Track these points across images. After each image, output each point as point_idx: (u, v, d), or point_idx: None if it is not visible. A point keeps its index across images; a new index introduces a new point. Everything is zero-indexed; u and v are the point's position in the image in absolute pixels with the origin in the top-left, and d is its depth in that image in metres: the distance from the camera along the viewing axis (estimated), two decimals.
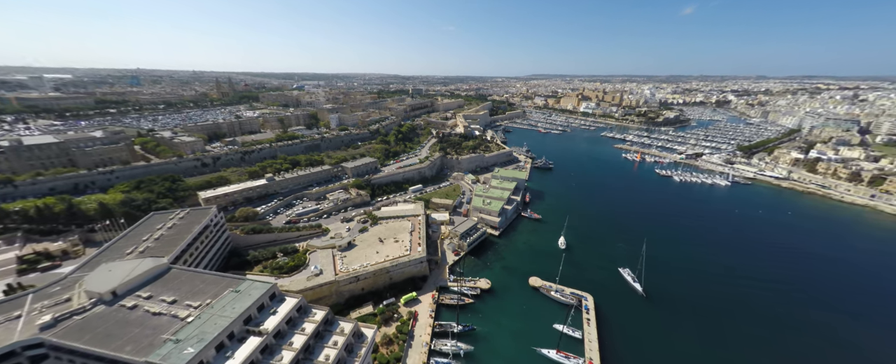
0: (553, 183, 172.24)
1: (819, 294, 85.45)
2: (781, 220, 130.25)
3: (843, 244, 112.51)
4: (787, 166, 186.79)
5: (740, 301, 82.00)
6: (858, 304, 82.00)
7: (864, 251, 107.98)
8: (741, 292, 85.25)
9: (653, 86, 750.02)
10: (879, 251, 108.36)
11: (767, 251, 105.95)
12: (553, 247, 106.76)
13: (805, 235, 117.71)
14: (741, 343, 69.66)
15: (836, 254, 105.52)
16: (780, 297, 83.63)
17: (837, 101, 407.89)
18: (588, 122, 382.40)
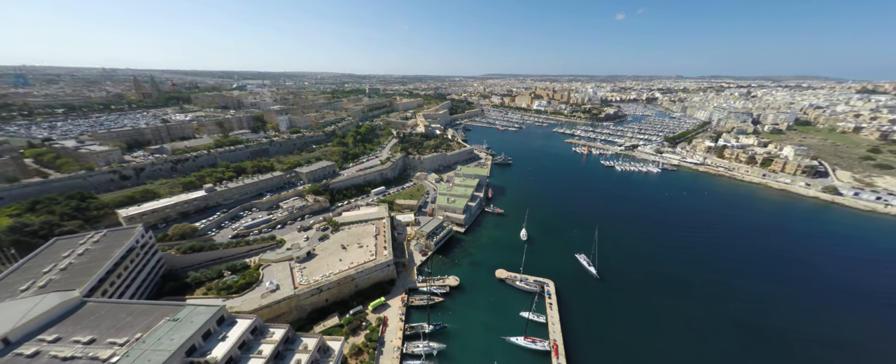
0: (513, 178, 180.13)
1: (728, 256, 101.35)
2: (700, 199, 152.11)
3: (746, 215, 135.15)
4: (702, 153, 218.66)
5: (673, 272, 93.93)
6: (757, 262, 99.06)
7: (759, 220, 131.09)
8: (673, 264, 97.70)
9: (595, 85, 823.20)
10: (768, 219, 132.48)
11: (691, 226, 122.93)
12: (516, 239, 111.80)
13: (718, 211, 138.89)
14: (676, 310, 79.85)
15: (740, 223, 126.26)
16: (702, 264, 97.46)
17: (736, 98, 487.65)
18: (541, 119, 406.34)
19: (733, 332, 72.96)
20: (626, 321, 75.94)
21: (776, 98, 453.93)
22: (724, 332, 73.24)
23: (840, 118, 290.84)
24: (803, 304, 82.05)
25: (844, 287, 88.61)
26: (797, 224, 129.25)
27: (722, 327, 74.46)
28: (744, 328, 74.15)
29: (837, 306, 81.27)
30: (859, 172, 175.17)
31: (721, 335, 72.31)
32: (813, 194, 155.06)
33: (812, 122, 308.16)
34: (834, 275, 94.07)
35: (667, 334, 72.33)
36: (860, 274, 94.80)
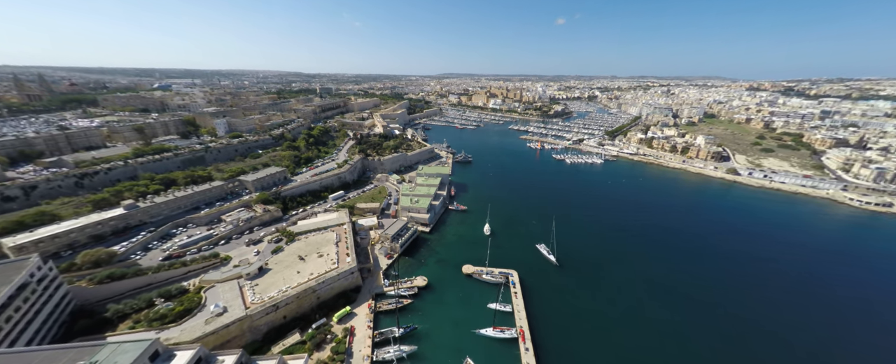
0: (474, 175, 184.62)
1: (662, 234, 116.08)
2: (636, 185, 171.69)
3: (673, 197, 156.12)
4: (635, 145, 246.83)
5: (620, 252, 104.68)
6: (686, 238, 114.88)
7: (683, 200, 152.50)
8: (620, 245, 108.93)
9: (543, 84, 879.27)
10: (690, 198, 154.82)
11: (631, 209, 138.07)
12: (480, 234, 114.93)
13: (651, 194, 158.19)
14: (626, 287, 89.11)
15: (669, 204, 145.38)
16: (643, 243, 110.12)
17: (659, 95, 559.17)
18: (497, 116, 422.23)
19: (671, 300, 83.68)
20: (583, 302, 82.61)
21: (689, 95, 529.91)
22: (666, 300, 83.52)
23: (735, 111, 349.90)
24: (724, 272, 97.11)
25: (749, 253, 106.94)
26: (711, 200, 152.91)
27: (665, 298, 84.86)
28: (679, 295, 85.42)
29: (751, 271, 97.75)
30: (751, 156, 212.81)
31: (665, 305, 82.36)
32: (720, 175, 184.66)
33: (716, 115, 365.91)
34: (738, 247, 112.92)
35: (620, 309, 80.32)
36: (758, 241, 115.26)
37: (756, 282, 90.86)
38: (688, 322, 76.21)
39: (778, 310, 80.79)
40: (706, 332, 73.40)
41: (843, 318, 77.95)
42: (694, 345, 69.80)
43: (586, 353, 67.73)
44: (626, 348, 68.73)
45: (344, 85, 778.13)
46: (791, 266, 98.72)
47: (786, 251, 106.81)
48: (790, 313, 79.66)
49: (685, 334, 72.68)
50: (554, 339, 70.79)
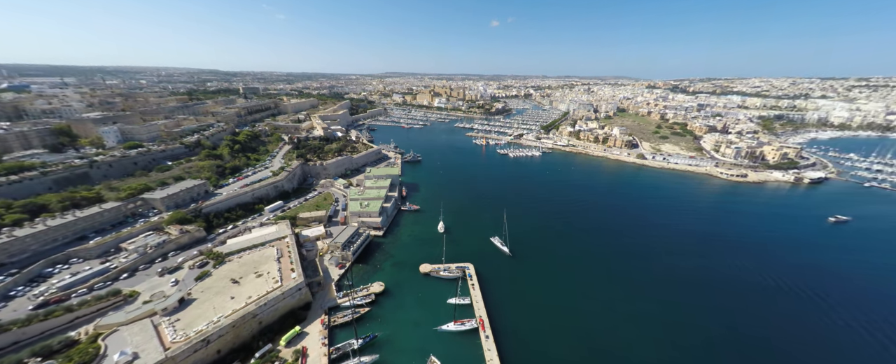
0: (424, 174, 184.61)
1: (596, 213, 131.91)
2: (570, 173, 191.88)
3: (600, 181, 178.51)
4: (566, 137, 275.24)
5: (564, 235, 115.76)
6: (614, 215, 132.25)
7: (607, 182, 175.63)
8: (562, 227, 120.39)
9: (484, 83, 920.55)
10: (612, 181, 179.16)
11: (568, 195, 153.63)
12: (434, 232, 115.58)
13: (583, 180, 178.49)
14: (572, 267, 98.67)
15: (598, 188, 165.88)
16: (582, 224, 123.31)
17: (582, 93, 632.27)
18: (443, 115, 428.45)
19: (608, 271, 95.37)
20: (536, 286, 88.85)
21: (605, 93, 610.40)
22: (604, 272, 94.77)
23: (639, 106, 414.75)
24: (643, 238, 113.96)
25: (653, 220, 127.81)
26: (627, 181, 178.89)
27: (603, 269, 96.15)
28: (613, 265, 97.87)
29: (657, 233, 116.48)
30: (653, 142, 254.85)
31: (604, 276, 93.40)
32: (632, 160, 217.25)
33: (626, 110, 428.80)
34: (649, 217, 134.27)
35: (569, 289, 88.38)
36: (661, 210, 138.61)
37: (662, 242, 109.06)
38: (622, 287, 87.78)
39: (675, 257, 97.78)
40: (636, 288, 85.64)
41: (710, 251, 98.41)
42: (628, 301, 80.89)
43: (541, 332, 73.28)
44: (575, 323, 76.25)
45: (273, 84, 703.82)
46: (681, 227, 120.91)
47: (678, 216, 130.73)
48: (682, 259, 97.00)
49: (622, 298, 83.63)
50: (512, 323, 75.07)
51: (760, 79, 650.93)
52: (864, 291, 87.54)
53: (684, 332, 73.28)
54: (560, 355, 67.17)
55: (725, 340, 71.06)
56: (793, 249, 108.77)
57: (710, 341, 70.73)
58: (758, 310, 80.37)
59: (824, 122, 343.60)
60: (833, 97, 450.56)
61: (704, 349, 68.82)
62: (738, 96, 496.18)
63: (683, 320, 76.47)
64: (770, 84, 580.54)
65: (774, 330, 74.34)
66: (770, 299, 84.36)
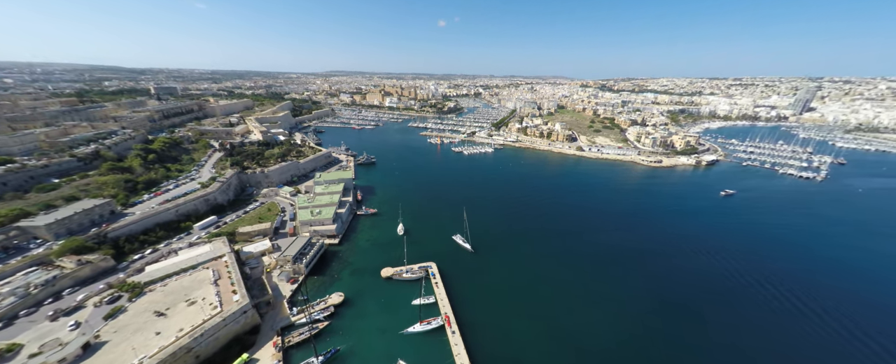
0: (379, 176, 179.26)
1: (548, 203, 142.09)
2: (521, 167, 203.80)
3: (547, 172, 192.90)
4: (515, 133, 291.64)
5: (520, 224, 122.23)
6: (562, 204, 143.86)
7: (554, 173, 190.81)
8: (518, 218, 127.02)
9: (435, 82, 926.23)
10: (558, 171, 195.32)
11: (520, 186, 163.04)
12: (394, 235, 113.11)
13: (532, 173, 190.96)
14: (532, 256, 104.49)
15: (546, 178, 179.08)
16: (536, 215, 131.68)
17: (526, 91, 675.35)
18: (395, 115, 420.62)
19: (562, 256, 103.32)
20: (498, 278, 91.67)
21: (546, 91, 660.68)
22: (559, 257, 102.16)
23: (576, 103, 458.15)
24: (586, 221, 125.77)
25: (593, 204, 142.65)
26: (569, 171, 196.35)
27: (558, 255, 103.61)
28: (566, 250, 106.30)
29: (596, 216, 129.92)
30: (589, 136, 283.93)
31: (560, 261, 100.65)
32: (572, 153, 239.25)
33: (565, 107, 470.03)
34: (593, 203, 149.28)
35: (528, 276, 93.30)
36: (599, 193, 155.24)
37: (601, 222, 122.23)
38: (572, 267, 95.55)
39: (612, 234, 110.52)
40: (584, 266, 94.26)
41: (636, 225, 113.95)
42: (579, 280, 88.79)
43: (506, 321, 76.32)
44: (536, 308, 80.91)
45: (196, 84, 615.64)
46: (617, 207, 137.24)
47: (613, 198, 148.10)
48: (617, 235, 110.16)
49: (573, 278, 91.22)
50: (477, 316, 77.06)
51: (667, 79, 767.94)
52: (745, 243, 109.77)
53: (629, 301, 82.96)
54: (524, 340, 70.97)
55: (665, 303, 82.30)
56: (696, 217, 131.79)
57: (652, 306, 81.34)
58: (680, 268, 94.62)
59: (714, 114, 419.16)
60: (718, 94, 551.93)
61: (647, 313, 78.91)
62: (652, 94, 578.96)
63: (624, 292, 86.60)
64: (674, 83, 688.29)
65: (691, 279, 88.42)
66: (687, 259, 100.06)
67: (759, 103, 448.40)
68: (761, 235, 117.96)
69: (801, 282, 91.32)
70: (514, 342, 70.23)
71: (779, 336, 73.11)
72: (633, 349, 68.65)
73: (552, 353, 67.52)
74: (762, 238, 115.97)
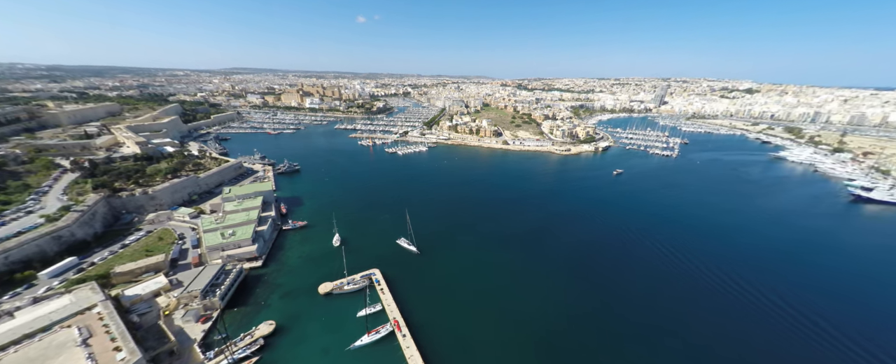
0: (306, 184, 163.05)
1: (482, 196, 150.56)
2: (455, 164, 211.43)
3: (479, 167, 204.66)
4: (447, 131, 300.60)
5: (461, 220, 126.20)
6: (496, 195, 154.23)
7: (486, 168, 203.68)
8: (459, 214, 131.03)
9: (361, 81, 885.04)
10: (489, 165, 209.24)
11: (456, 183, 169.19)
12: (330, 247, 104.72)
13: (466, 168, 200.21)
14: (474, 250, 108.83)
15: (476, 171, 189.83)
16: (474, 208, 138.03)
17: (453, 90, 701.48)
18: (318, 116, 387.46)
19: (504, 245, 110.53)
20: (446, 276, 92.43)
21: (472, 90, 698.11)
22: (502, 247, 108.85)
23: (499, 101, 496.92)
24: (520, 208, 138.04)
25: (524, 189, 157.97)
26: (499, 164, 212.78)
27: (501, 245, 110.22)
28: (507, 239, 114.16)
29: (526, 200, 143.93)
30: (512, 130, 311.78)
31: (502, 249, 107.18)
32: (499, 147, 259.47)
33: (489, 104, 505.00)
34: (521, 190, 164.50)
35: (473, 269, 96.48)
36: (526, 181, 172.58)
37: (530, 206, 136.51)
38: (512, 252, 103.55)
39: (538, 213, 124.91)
40: (515, 244, 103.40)
41: (556, 202, 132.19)
42: (521, 264, 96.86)
43: (456, 316, 77.73)
44: (484, 298, 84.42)
45: (22, 83, 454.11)
46: (539, 191, 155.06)
47: (536, 184, 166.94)
48: (541, 210, 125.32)
49: (515, 262, 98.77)
50: (427, 316, 76.94)
51: (568, 79, 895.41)
52: (631, 207, 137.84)
53: (556, 272, 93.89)
54: (475, 330, 73.77)
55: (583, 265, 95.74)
56: (597, 191, 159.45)
57: (573, 269, 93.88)
58: (589, 231, 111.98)
59: (604, 108, 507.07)
60: (605, 92, 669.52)
61: (569, 276, 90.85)
62: (558, 92, 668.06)
63: (552, 263, 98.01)
64: (573, 83, 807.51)
65: (596, 237, 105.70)
66: (593, 224, 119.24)
67: (633, 99, 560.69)
68: (642, 200, 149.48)
69: (669, 229, 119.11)
70: (465, 334, 72.62)
71: (655, 267, 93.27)
72: (567, 314, 78.38)
73: (502, 336, 71.87)
74: (642, 202, 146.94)
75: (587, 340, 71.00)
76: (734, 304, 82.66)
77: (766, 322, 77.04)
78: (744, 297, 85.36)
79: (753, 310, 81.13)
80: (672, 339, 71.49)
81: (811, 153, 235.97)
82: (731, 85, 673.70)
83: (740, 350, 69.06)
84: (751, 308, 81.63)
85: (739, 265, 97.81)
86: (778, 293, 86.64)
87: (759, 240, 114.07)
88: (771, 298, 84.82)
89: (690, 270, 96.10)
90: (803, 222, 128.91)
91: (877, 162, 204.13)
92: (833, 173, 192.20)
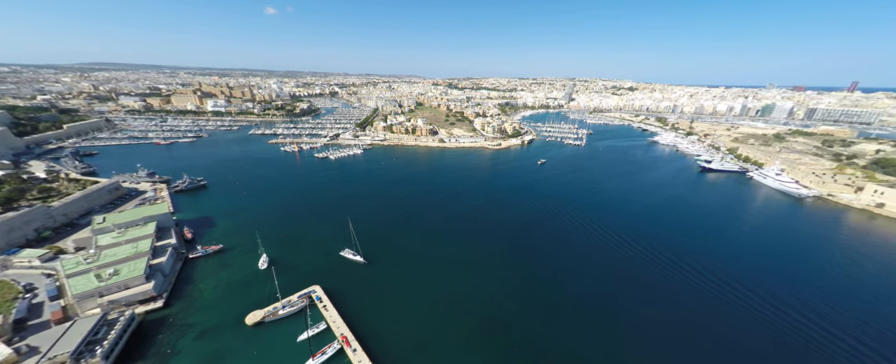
0: (217, 201, 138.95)
1: (423, 196, 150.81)
2: (393, 164, 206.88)
3: (419, 166, 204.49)
4: (382, 132, 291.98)
5: (405, 221, 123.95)
6: (436, 193, 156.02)
7: (425, 167, 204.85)
8: (402, 216, 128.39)
9: (277, 80, 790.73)
10: (427, 162, 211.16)
11: (398, 183, 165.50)
12: (256, 269, 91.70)
13: (404, 168, 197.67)
14: (422, 251, 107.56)
15: (414, 170, 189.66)
16: (416, 209, 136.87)
17: (385, 90, 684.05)
18: (227, 122, 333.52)
19: (448, 241, 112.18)
20: (396, 280, 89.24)
21: (404, 89, 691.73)
22: (441, 242, 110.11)
23: (432, 100, 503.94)
24: (458, 202, 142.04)
25: (462, 184, 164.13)
26: (436, 162, 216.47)
27: (441, 240, 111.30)
28: (451, 234, 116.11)
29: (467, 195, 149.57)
30: (447, 129, 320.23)
31: (444, 244, 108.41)
32: (436, 145, 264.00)
33: (423, 104, 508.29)
34: (460, 186, 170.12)
35: (423, 269, 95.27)
36: (463, 178, 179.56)
37: (468, 199, 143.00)
38: (459, 247, 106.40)
39: (476, 203, 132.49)
40: (460, 237, 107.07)
41: (490, 192, 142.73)
42: (460, 251, 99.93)
43: (407, 320, 76.23)
44: (435, 296, 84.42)
45: None
46: (476, 184, 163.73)
47: (472, 178, 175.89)
48: (479, 201, 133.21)
49: (459, 253, 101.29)
50: (378, 325, 73.75)
51: (494, 78, 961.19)
52: (554, 190, 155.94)
53: (496, 256, 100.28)
54: (430, 333, 73.18)
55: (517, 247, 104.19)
56: (524, 179, 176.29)
57: (511, 251, 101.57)
58: (520, 213, 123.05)
59: (526, 105, 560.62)
60: (525, 90, 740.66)
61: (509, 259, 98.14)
62: (486, 91, 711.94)
63: (493, 249, 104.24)
64: (499, 82, 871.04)
65: (526, 219, 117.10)
66: (521, 207, 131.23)
67: (548, 96, 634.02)
68: (561, 183, 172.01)
69: (582, 205, 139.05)
70: (420, 336, 71.57)
71: (575, 237, 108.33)
72: (516, 295, 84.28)
73: (457, 330, 73.14)
74: (562, 185, 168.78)
75: (533, 315, 77.58)
76: (626, 256, 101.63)
77: (640, 261, 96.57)
78: (631, 249, 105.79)
79: (636, 254, 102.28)
80: (597, 296, 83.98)
81: (674, 137, 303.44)
82: (618, 84, 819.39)
83: (628, 284, 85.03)
84: (634, 254, 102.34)
85: (627, 229, 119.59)
86: (649, 240, 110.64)
87: (640, 208, 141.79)
88: (648, 244, 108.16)
89: (597, 237, 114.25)
90: (670, 191, 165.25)
91: (712, 141, 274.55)
92: (688, 151, 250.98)
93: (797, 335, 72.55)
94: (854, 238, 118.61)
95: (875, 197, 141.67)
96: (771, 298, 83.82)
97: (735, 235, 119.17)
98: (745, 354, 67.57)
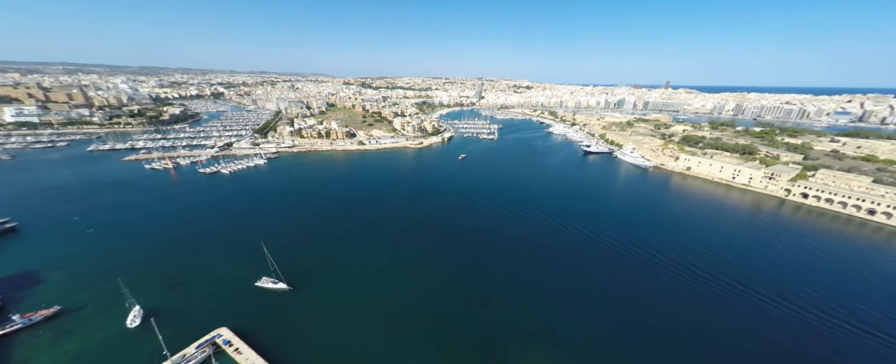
0: (38, 247, 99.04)
1: (342, 199, 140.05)
2: (306, 173, 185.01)
3: (334, 172, 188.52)
4: (289, 138, 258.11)
5: (331, 234, 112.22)
6: (355, 194, 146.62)
7: (342, 171, 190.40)
8: (326, 229, 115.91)
9: (127, 78, 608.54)
10: (347, 167, 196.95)
11: (314, 194, 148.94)
12: (123, 329, 69.35)
13: (321, 178, 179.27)
14: (358, 265, 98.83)
15: (333, 177, 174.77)
16: (336, 215, 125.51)
17: (287, 90, 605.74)
18: (45, 136, 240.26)
19: (379, 247, 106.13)
20: (328, 304, 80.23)
21: (311, 89, 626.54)
22: (373, 245, 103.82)
23: (345, 101, 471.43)
24: (381, 205, 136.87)
25: (386, 185, 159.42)
26: (357, 166, 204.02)
27: (369, 248, 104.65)
28: (381, 241, 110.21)
29: (392, 196, 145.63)
30: (365, 130, 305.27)
31: (374, 251, 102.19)
32: (355, 148, 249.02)
33: (335, 104, 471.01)
34: (383, 189, 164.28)
35: (360, 287, 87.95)
36: (386, 178, 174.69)
37: (392, 198, 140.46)
38: (388, 247, 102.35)
39: (400, 202, 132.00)
40: (389, 241, 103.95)
41: (415, 190, 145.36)
42: (392, 255, 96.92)
43: (347, 345, 69.98)
44: (371, 309, 79.42)
45: None
46: (401, 184, 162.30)
47: (396, 179, 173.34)
48: (404, 201, 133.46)
49: (390, 257, 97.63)
50: (308, 357, 65.31)
51: (409, 77, 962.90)
52: (473, 182, 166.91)
53: (428, 253, 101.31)
54: (369, 352, 69.10)
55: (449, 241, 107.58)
56: (447, 173, 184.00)
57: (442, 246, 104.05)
58: (446, 207, 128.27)
59: (442, 104, 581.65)
60: (440, 90, 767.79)
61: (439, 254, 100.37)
62: (401, 90, 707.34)
63: (422, 246, 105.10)
64: (414, 81, 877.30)
65: (453, 210, 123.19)
66: (448, 200, 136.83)
67: (461, 94, 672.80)
68: (480, 173, 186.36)
69: (500, 191, 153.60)
70: (358, 357, 66.93)
71: (493, 221, 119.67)
72: (455, 293, 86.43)
73: (398, 344, 71.16)
74: (481, 175, 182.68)
75: (469, 310, 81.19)
76: (532, 227, 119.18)
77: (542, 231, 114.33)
78: (534, 221, 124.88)
79: (538, 225, 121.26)
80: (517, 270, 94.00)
81: (563, 128, 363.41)
82: (518, 83, 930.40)
83: (535, 251, 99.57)
84: (536, 225, 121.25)
85: (534, 205, 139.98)
86: (547, 211, 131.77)
87: (543, 186, 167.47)
88: (546, 215, 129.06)
89: (509, 215, 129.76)
90: (562, 171, 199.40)
91: (589, 129, 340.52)
92: (574, 139, 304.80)
93: (640, 264, 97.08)
94: (676, 190, 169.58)
95: (684, 163, 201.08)
96: (629, 242, 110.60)
97: (606, 199, 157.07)
98: (613, 275, 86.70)
